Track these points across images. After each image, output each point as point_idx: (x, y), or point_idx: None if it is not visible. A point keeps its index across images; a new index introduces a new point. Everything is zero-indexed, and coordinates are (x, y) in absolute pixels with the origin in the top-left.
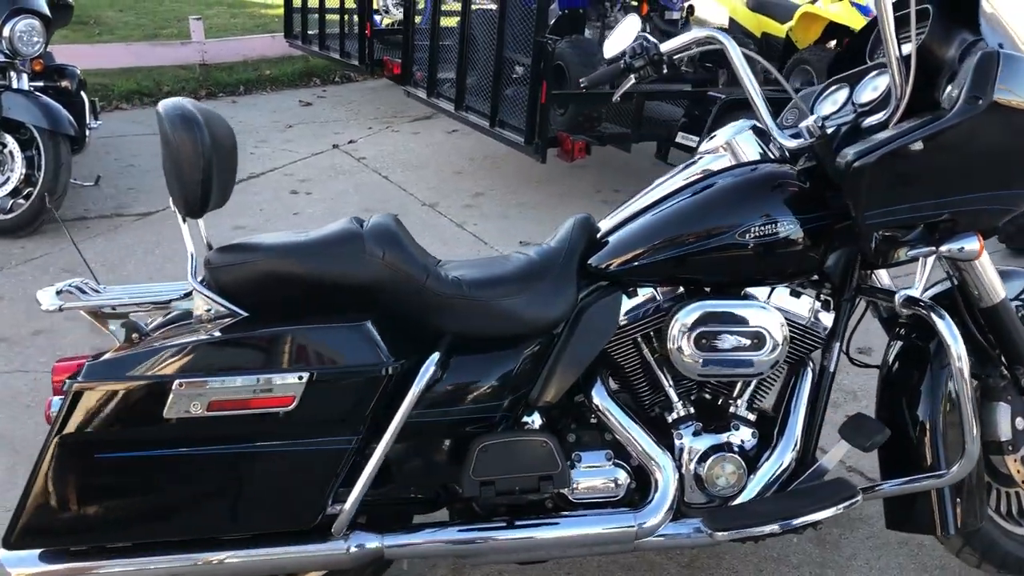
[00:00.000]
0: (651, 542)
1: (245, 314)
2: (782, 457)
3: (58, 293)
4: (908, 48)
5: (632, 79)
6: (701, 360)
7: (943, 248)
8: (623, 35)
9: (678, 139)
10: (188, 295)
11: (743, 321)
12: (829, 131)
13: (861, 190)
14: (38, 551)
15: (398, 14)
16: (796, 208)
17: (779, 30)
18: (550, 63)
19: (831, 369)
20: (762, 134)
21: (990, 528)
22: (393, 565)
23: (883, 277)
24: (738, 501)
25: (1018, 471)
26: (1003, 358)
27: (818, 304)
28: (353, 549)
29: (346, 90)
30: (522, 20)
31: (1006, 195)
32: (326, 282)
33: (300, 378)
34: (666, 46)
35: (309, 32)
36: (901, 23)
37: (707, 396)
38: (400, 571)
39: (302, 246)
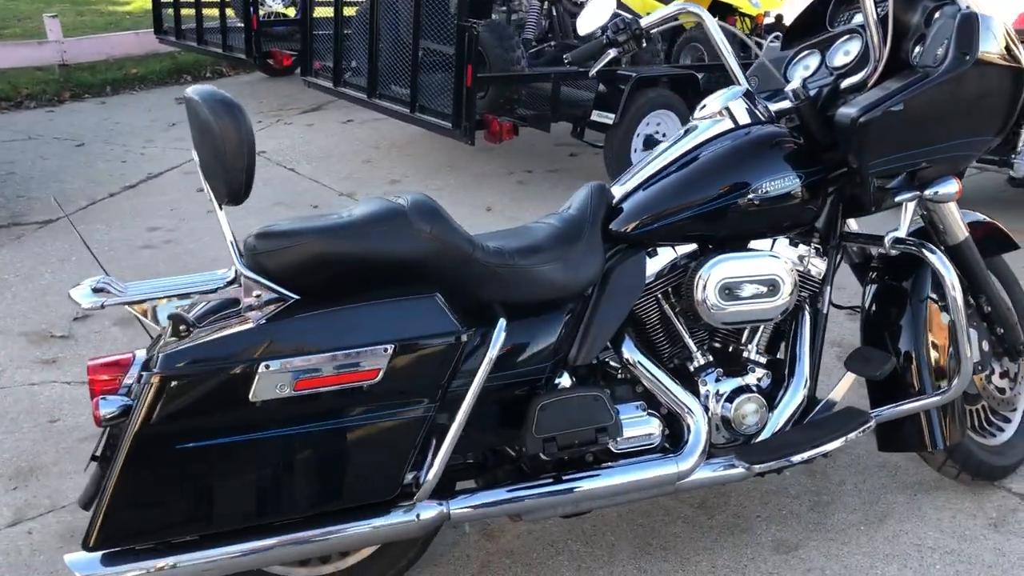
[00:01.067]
0: (690, 483)
1: (296, 297)
2: (796, 393)
3: (94, 291)
4: (881, 13)
5: (611, 53)
6: (725, 309)
7: (927, 192)
8: (597, 12)
9: (593, 117)
10: (232, 283)
11: (760, 271)
12: (812, 93)
13: (866, 142)
14: (101, 554)
15: (276, 5)
16: (796, 164)
17: (657, 7)
18: (474, 46)
19: (824, 311)
20: (750, 99)
21: (966, 442)
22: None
23: (852, 226)
24: (761, 438)
25: (984, 388)
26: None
27: (812, 252)
28: (422, 516)
29: (221, 86)
30: (438, 4)
31: (977, 141)
32: (375, 260)
33: (385, 351)
34: (646, 21)
35: (183, 27)
36: None
37: (718, 345)
38: (462, 533)
39: (348, 226)
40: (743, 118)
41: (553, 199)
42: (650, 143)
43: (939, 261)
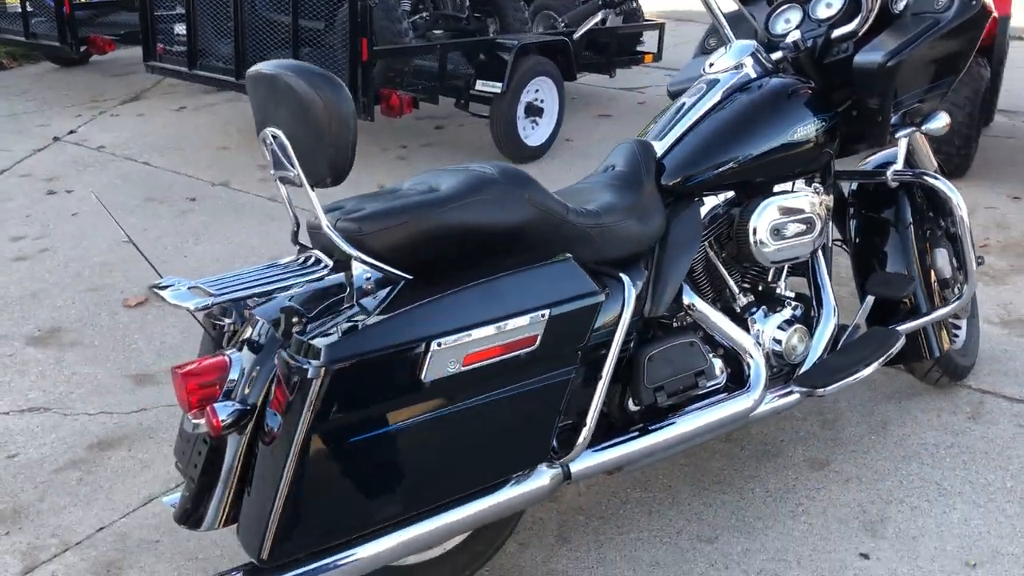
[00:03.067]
0: (759, 414)
1: (408, 277)
2: (828, 321)
3: (190, 289)
4: None
5: (599, 16)
6: (776, 248)
7: (924, 127)
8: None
9: (478, 87)
10: (336, 268)
11: (800, 211)
12: (809, 44)
13: (891, 84)
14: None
15: None
16: (815, 109)
17: None
18: (368, 18)
19: (829, 245)
20: (759, 52)
21: None
22: None
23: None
24: (806, 365)
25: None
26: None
27: (820, 190)
28: (550, 480)
29: (6, 79)
30: None
31: (954, 79)
32: (480, 231)
33: (542, 316)
34: None
35: None
36: None
37: (753, 285)
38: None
39: (449, 199)
40: (755, 70)
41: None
42: (531, 110)
43: (944, 185)
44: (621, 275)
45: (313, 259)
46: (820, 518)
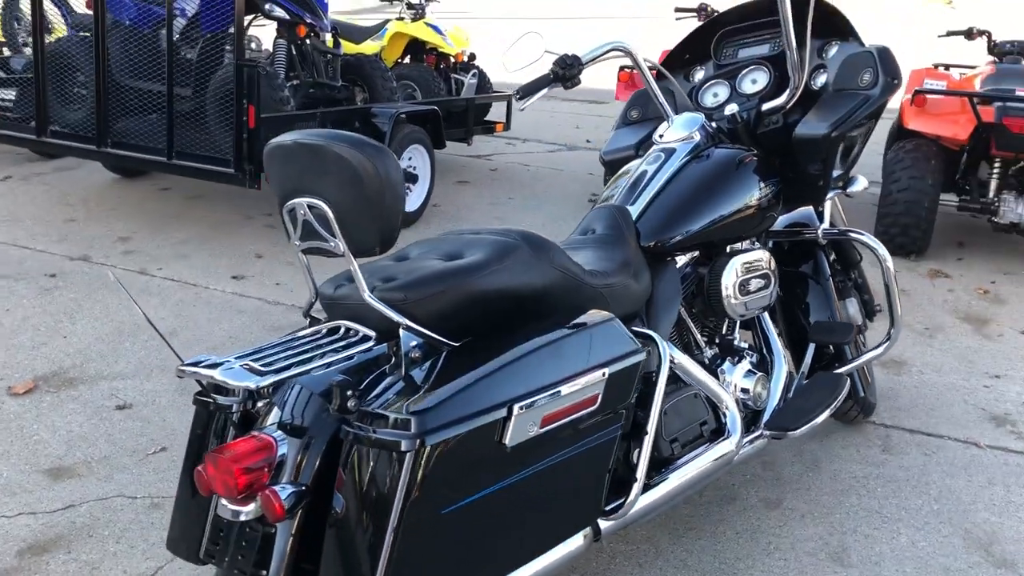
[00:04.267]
0: (740, 457)
1: (452, 343)
2: (781, 368)
3: (229, 369)
4: (779, 50)
5: (544, 91)
6: (745, 301)
7: (848, 189)
8: (528, 50)
9: None
10: (378, 339)
11: (760, 267)
12: (745, 116)
13: (834, 152)
14: None
15: None
16: (764, 175)
17: (369, 48)
18: (256, 86)
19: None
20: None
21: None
22: None
23: None
24: (767, 412)
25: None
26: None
27: (761, 247)
28: (583, 539)
29: None
30: (211, 43)
31: (862, 148)
32: (514, 295)
33: (603, 375)
34: (584, 56)
35: None
36: (760, 28)
37: (708, 339)
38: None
39: (485, 264)
40: (703, 140)
41: None
42: (407, 177)
43: (872, 240)
44: (650, 332)
45: (344, 330)
46: (791, 553)
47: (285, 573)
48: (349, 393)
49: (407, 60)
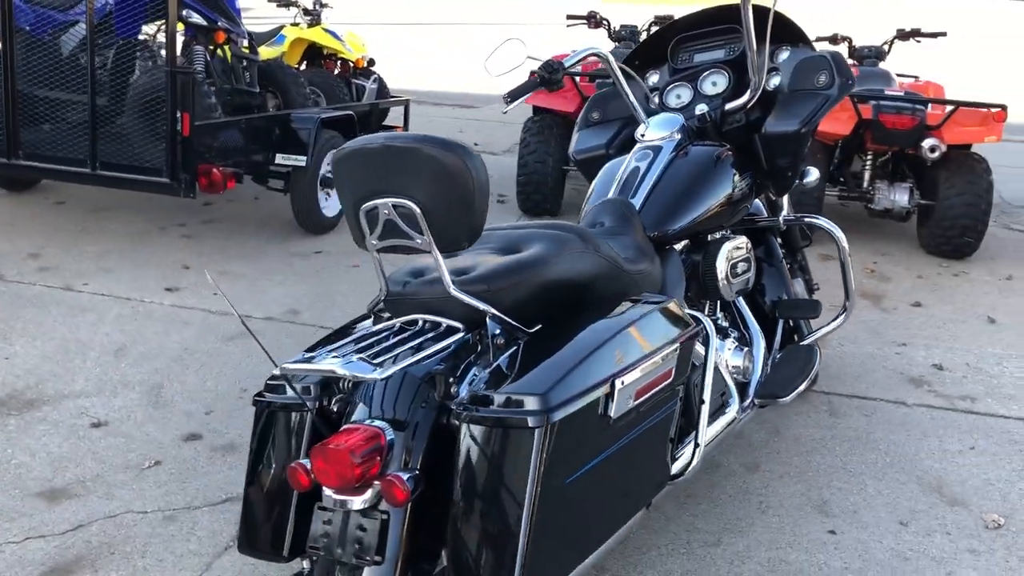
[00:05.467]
0: (740, 424)
1: (529, 330)
2: (759, 343)
3: (350, 362)
4: (737, 53)
5: (529, 94)
6: (735, 283)
7: (804, 180)
8: (510, 56)
9: (279, 160)
10: (462, 329)
11: (743, 252)
12: (713, 115)
13: (803, 147)
14: None
15: None
16: (740, 168)
17: (268, 54)
18: (191, 93)
19: None
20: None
21: None
22: None
23: None
24: (752, 384)
25: None
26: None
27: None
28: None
29: None
30: (125, 49)
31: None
32: (574, 282)
33: (675, 349)
34: (567, 62)
35: None
36: (713, 35)
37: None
38: None
39: (551, 254)
40: (681, 138)
41: (243, 246)
42: (325, 183)
43: (828, 224)
44: (695, 313)
45: (424, 324)
46: (782, 509)
47: (402, 558)
48: (451, 380)
49: (303, 66)
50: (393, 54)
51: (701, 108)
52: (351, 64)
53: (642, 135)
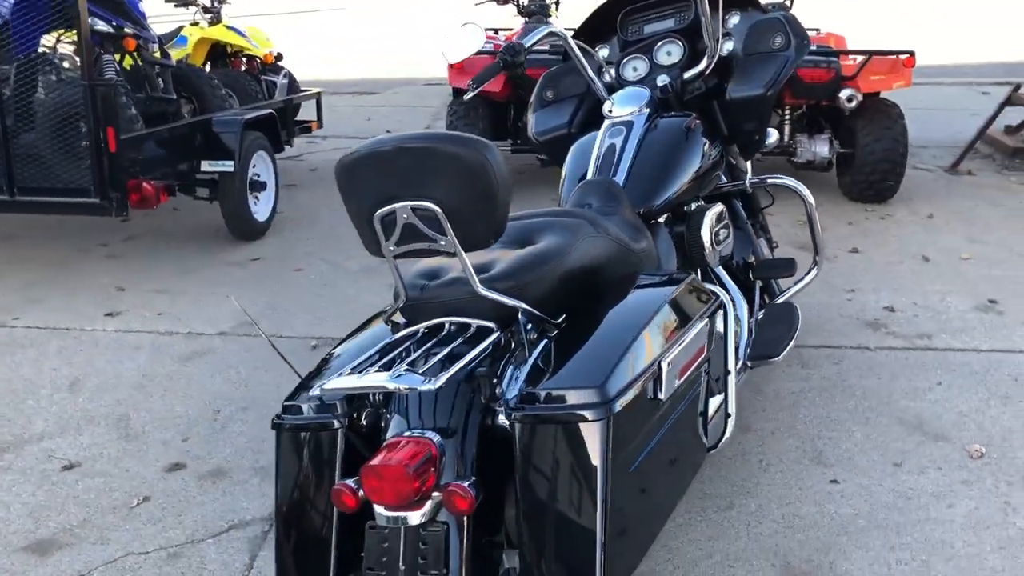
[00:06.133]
0: (739, 385)
1: (555, 322)
2: (742, 306)
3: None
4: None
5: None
6: (719, 250)
7: (767, 142)
8: (469, 41)
9: (205, 167)
10: (495, 329)
11: (723, 218)
12: (675, 86)
13: (769, 110)
14: None
15: None
16: (710, 136)
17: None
18: (114, 106)
19: None
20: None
21: None
22: None
23: None
24: (742, 344)
25: None
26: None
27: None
28: None
29: None
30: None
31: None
32: (592, 268)
33: (706, 324)
34: (526, 42)
35: None
36: (660, 5)
37: None
38: None
39: (570, 244)
40: (649, 111)
41: (176, 261)
42: (253, 186)
43: (795, 183)
44: (711, 287)
45: (450, 327)
46: (782, 465)
47: (466, 567)
48: (495, 381)
49: (207, 67)
50: (282, 45)
51: (663, 79)
52: (258, 60)
53: (609, 111)
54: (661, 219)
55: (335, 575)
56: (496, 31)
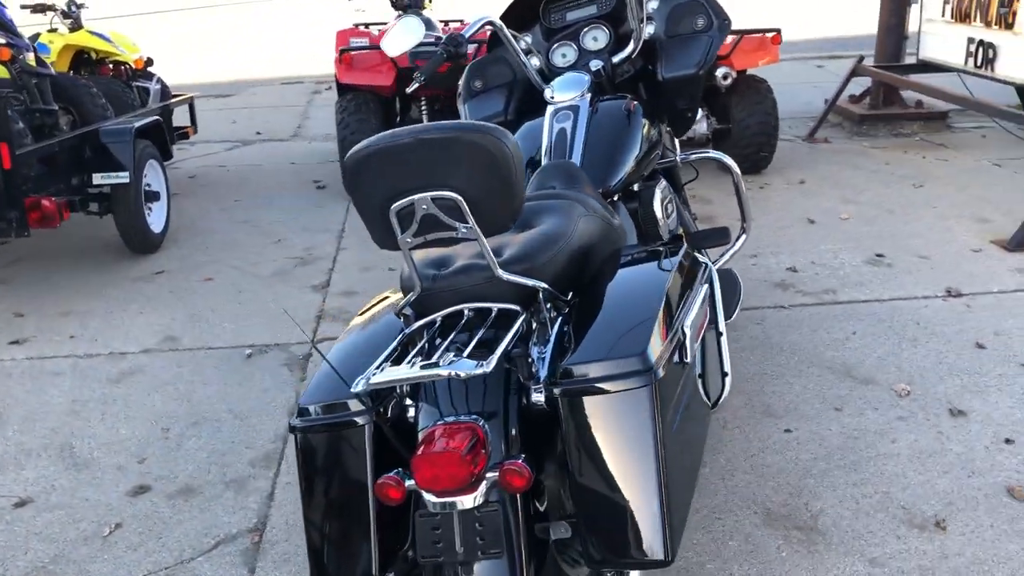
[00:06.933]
0: None
1: (567, 299)
2: None
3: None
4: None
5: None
6: (669, 223)
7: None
8: (407, 33)
9: (98, 181)
10: (519, 310)
11: (668, 193)
12: (607, 70)
13: (700, 88)
14: None
15: None
16: (649, 116)
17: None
18: (4, 120)
19: None
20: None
21: None
22: None
23: None
24: None
25: None
26: None
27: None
28: None
29: None
30: None
31: None
32: (590, 245)
33: (707, 289)
34: (466, 33)
35: None
36: None
37: None
38: None
39: (571, 223)
40: (589, 95)
41: (74, 281)
42: (151, 197)
43: (723, 156)
44: (705, 259)
45: (470, 313)
46: (738, 422)
47: (524, 543)
48: (530, 360)
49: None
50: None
51: (596, 64)
52: (127, 66)
53: (551, 97)
54: (615, 198)
55: (380, 569)
56: (367, 25)
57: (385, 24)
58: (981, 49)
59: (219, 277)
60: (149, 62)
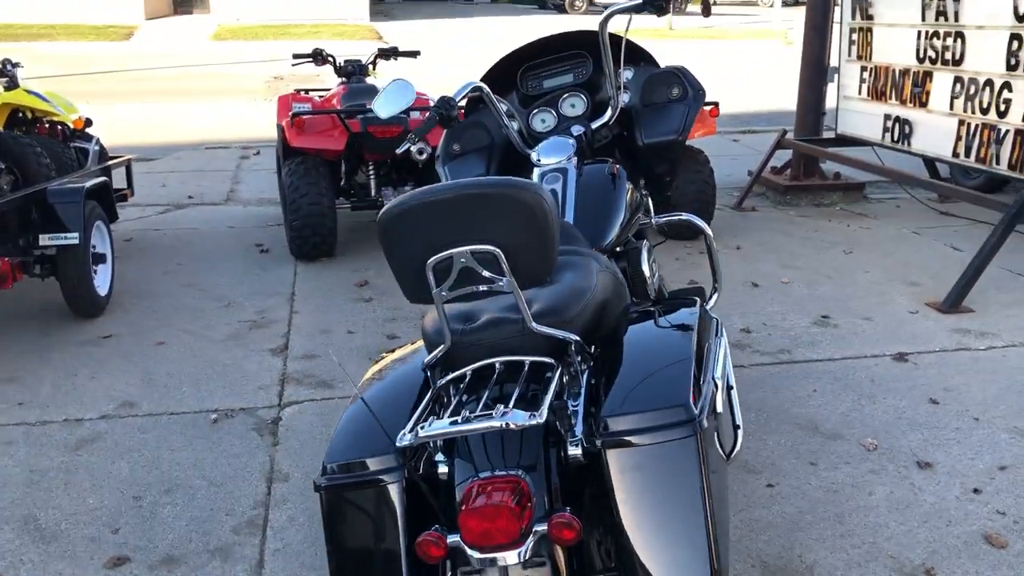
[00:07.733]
0: None
1: (591, 352)
2: None
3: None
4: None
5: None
6: (655, 279)
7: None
8: (399, 96)
9: (45, 242)
10: (552, 363)
11: (652, 253)
12: (588, 135)
13: (681, 153)
14: None
15: None
16: (632, 179)
17: None
18: None
19: None
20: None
21: None
22: None
23: None
24: None
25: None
26: None
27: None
28: None
29: None
30: None
31: None
32: (608, 300)
33: (720, 343)
34: (456, 96)
35: None
36: (557, 62)
37: None
38: None
39: (591, 277)
40: (576, 158)
41: (16, 347)
42: (98, 259)
43: (698, 221)
44: (697, 300)
45: (500, 366)
46: None
47: None
48: (568, 413)
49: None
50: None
51: (577, 129)
52: (65, 127)
53: (538, 160)
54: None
55: None
56: (307, 91)
57: (328, 90)
58: (898, 125)
59: (171, 341)
60: (88, 123)
